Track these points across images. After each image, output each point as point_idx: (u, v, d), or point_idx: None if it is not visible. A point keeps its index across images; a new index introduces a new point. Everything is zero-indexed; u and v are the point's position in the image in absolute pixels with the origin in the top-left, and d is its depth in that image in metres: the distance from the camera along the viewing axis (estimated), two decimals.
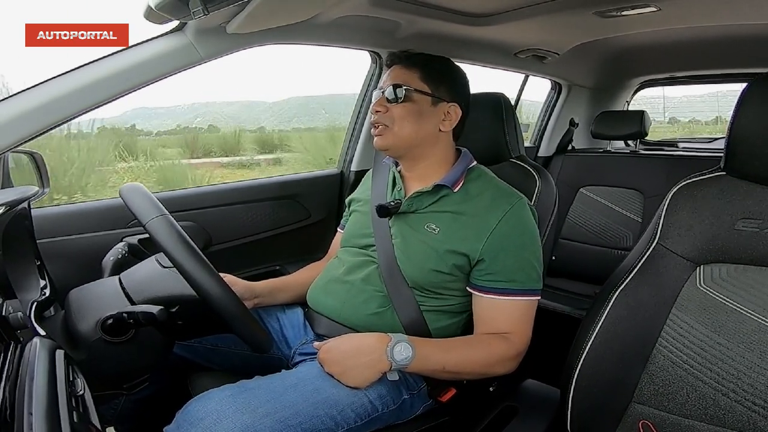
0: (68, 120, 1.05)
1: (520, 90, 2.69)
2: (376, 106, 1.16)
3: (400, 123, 1.14)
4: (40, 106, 1.01)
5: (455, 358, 1.03)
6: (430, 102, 1.15)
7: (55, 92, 1.03)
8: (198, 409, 0.87)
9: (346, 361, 0.98)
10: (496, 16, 1.59)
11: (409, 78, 1.15)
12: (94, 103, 1.07)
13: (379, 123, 1.16)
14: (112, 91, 1.09)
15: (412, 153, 1.18)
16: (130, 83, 1.11)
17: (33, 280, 0.95)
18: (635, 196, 2.38)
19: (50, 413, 0.55)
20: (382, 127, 1.15)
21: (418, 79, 1.15)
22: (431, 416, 1.10)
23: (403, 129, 1.14)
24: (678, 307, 0.91)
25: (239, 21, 1.14)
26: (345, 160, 1.98)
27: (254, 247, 1.76)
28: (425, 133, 1.15)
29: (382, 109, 1.15)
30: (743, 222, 0.89)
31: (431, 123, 1.16)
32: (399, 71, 1.17)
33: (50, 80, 1.04)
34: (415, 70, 1.16)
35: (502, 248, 1.06)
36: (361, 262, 1.18)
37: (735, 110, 0.90)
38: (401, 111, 1.14)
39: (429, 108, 1.15)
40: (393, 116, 1.14)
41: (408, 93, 1.14)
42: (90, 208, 1.46)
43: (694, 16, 1.74)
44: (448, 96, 1.17)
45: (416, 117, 1.14)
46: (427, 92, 1.15)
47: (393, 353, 0.97)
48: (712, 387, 0.85)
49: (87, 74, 1.07)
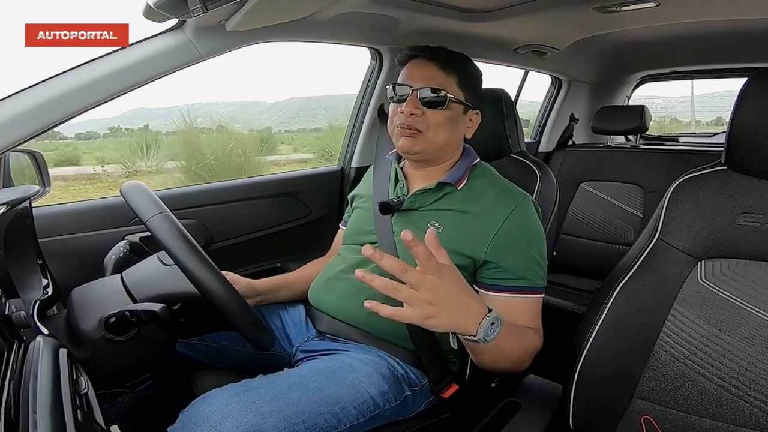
0: (68, 119, 1.05)
1: (520, 86, 2.69)
2: (410, 107, 1.08)
3: (436, 130, 1.09)
4: (40, 104, 1.01)
5: (512, 342, 0.93)
6: (463, 110, 1.13)
7: (56, 91, 1.03)
8: (202, 409, 0.87)
9: (448, 298, 0.76)
10: (495, 12, 1.59)
11: (447, 83, 1.10)
12: (95, 101, 1.07)
13: (413, 126, 1.09)
14: (112, 89, 1.09)
15: (435, 157, 1.15)
16: (130, 81, 1.11)
17: (35, 279, 0.96)
18: (636, 191, 2.38)
19: (54, 412, 0.55)
20: (414, 131, 1.10)
21: (456, 85, 1.11)
22: (433, 412, 1.11)
23: (437, 136, 1.10)
24: (679, 302, 0.91)
25: (238, 18, 1.14)
26: (345, 157, 1.98)
27: (255, 244, 1.76)
28: (454, 139, 1.14)
29: (418, 112, 1.08)
30: (744, 217, 0.89)
31: (460, 131, 1.15)
32: (435, 72, 1.10)
33: (50, 79, 1.04)
34: (454, 74, 1.11)
35: (509, 247, 1.05)
36: (363, 259, 1.17)
37: (735, 105, 0.89)
38: (440, 118, 1.09)
39: (461, 116, 1.13)
40: (428, 122, 1.09)
41: (449, 101, 1.09)
42: (91, 207, 1.46)
43: (693, 11, 1.74)
44: (474, 102, 1.15)
45: (451, 125, 1.11)
46: (463, 101, 1.12)
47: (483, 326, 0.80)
48: (713, 382, 0.86)
49: (87, 73, 1.07)
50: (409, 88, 1.10)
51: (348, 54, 1.69)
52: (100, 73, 1.08)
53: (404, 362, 1.09)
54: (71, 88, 1.05)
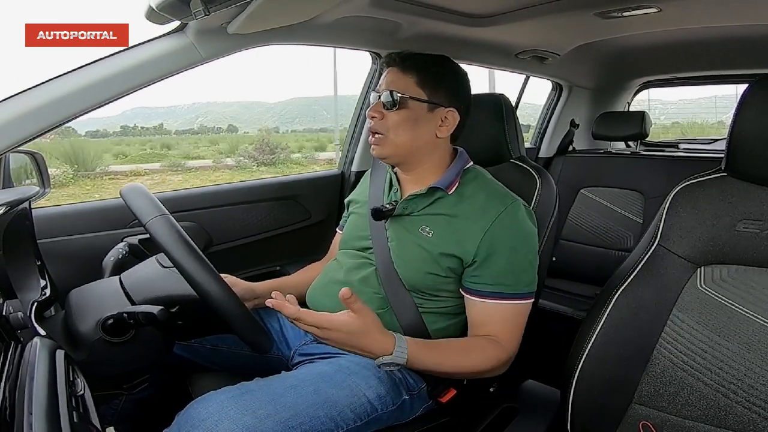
0: (69, 120, 1.05)
1: (521, 91, 2.69)
2: (371, 112, 1.14)
3: (395, 131, 1.12)
4: (41, 106, 1.01)
5: (449, 362, 1.01)
6: (427, 108, 1.13)
7: (56, 92, 1.03)
8: (199, 411, 0.86)
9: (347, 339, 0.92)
10: (497, 17, 1.59)
11: (404, 84, 1.12)
12: (95, 103, 1.07)
13: (375, 131, 1.14)
14: (113, 91, 1.09)
15: (409, 159, 1.16)
16: (131, 83, 1.11)
17: (33, 280, 0.96)
18: (636, 197, 2.38)
19: (50, 413, 0.55)
20: (379, 136, 1.14)
21: (414, 84, 1.13)
22: (431, 417, 1.10)
23: (398, 137, 1.12)
24: (679, 308, 0.91)
25: (240, 21, 1.14)
26: (345, 161, 1.98)
27: (255, 247, 1.76)
28: (422, 140, 1.14)
29: (378, 116, 1.13)
30: (744, 223, 0.89)
31: (428, 130, 1.14)
32: (395, 76, 1.14)
33: (51, 80, 1.04)
34: (412, 74, 1.13)
35: (493, 250, 1.05)
36: (359, 264, 1.18)
37: (736, 111, 0.90)
38: (396, 118, 1.12)
39: (425, 114, 1.13)
40: (388, 124, 1.12)
41: (403, 100, 1.11)
42: (90, 209, 1.46)
43: (695, 17, 1.74)
44: (446, 101, 1.15)
45: (412, 124, 1.12)
46: (424, 99, 1.12)
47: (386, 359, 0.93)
48: (712, 388, 0.85)
49: (88, 74, 1.07)
50: (377, 95, 1.14)
51: (349, 55, 1.68)
52: (101, 74, 1.08)
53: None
54: (73, 89, 1.05)
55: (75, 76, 1.06)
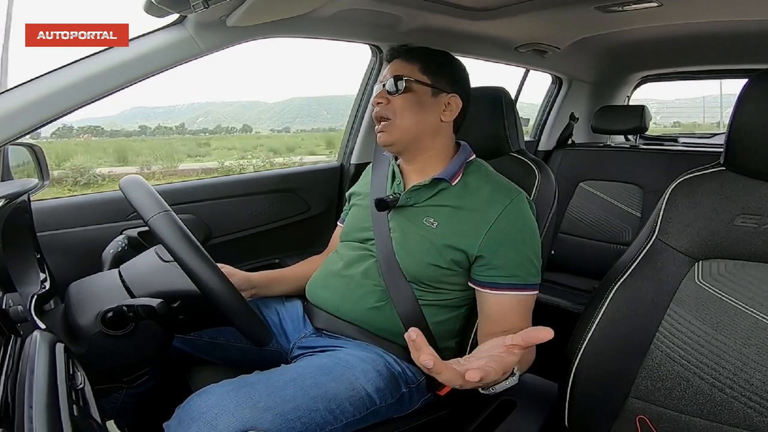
0: (68, 112, 1.04)
1: (521, 84, 2.68)
2: (377, 98, 1.17)
3: (401, 114, 1.14)
4: (40, 98, 1.00)
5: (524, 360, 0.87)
6: (431, 93, 1.15)
7: (55, 85, 1.02)
8: (198, 404, 0.87)
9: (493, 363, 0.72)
10: (497, 11, 1.58)
11: (409, 70, 1.15)
12: (94, 95, 1.07)
13: (381, 116, 1.15)
14: (112, 83, 1.08)
15: (414, 146, 1.17)
16: (130, 76, 1.10)
17: (33, 274, 0.96)
18: (635, 190, 2.38)
19: (50, 407, 0.55)
20: (385, 122, 1.15)
21: (418, 71, 1.15)
22: (430, 410, 1.11)
23: (404, 120, 1.14)
24: (676, 303, 0.91)
25: (239, 14, 1.14)
26: (345, 153, 1.98)
27: (254, 240, 1.76)
28: (427, 123, 1.15)
29: (384, 101, 1.15)
30: (742, 218, 0.89)
31: (432, 114, 1.16)
32: (399, 64, 1.18)
33: (50, 73, 1.04)
34: (415, 62, 1.16)
35: (502, 243, 1.06)
36: (360, 256, 1.18)
37: (735, 106, 0.89)
38: (402, 102, 1.14)
39: (430, 99, 1.15)
40: (394, 108, 1.14)
41: (408, 84, 1.14)
42: (90, 201, 1.46)
43: (695, 12, 1.74)
44: (449, 87, 1.17)
45: (417, 108, 1.14)
46: (427, 83, 1.15)
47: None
48: (708, 383, 0.86)
49: (87, 67, 1.06)
50: (381, 84, 1.18)
51: (349, 55, 1.67)
52: (100, 67, 1.07)
53: (401, 359, 1.10)
54: (72, 82, 1.04)
55: (75, 68, 1.05)
